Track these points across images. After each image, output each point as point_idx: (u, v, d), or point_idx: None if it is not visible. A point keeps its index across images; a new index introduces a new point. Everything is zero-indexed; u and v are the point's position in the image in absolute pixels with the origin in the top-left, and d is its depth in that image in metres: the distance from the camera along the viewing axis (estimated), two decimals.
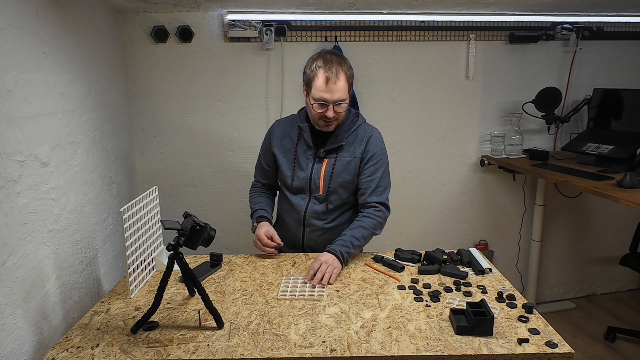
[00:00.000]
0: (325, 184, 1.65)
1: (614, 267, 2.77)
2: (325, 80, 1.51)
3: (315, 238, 1.72)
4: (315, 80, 1.54)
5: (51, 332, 1.31)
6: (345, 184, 1.65)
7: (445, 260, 1.61)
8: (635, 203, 1.83)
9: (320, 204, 1.68)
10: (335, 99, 1.53)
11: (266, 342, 1.14)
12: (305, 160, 1.68)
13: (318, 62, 1.54)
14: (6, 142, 1.16)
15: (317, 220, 1.69)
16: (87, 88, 1.73)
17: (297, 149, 1.69)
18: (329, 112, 1.55)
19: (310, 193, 1.69)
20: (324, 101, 1.54)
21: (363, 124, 1.71)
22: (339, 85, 1.52)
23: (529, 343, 1.12)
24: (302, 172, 1.67)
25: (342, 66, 1.55)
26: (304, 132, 1.67)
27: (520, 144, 2.74)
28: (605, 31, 2.73)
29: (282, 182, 1.76)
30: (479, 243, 2.92)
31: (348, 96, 1.58)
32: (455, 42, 2.61)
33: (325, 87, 1.52)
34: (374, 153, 1.65)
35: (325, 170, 1.65)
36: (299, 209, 1.70)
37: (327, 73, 1.51)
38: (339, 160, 1.65)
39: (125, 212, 1.32)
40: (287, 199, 1.73)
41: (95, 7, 1.93)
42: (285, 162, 1.71)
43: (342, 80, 1.53)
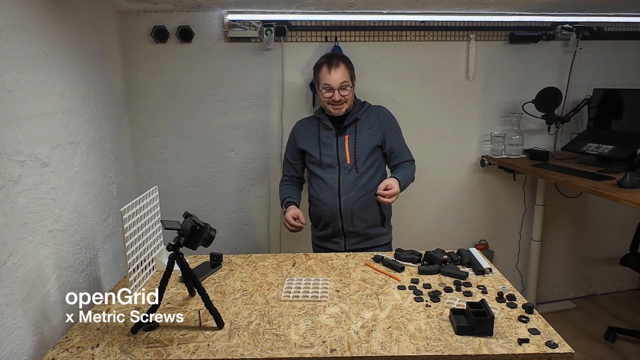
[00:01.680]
0: (351, 153, 1.89)
1: (614, 267, 2.77)
2: (328, 69, 1.85)
3: (351, 205, 1.89)
4: (320, 73, 1.88)
5: (51, 332, 1.31)
6: (368, 149, 1.89)
7: (446, 260, 1.61)
8: (635, 203, 1.83)
9: (349, 173, 1.89)
10: (338, 83, 1.83)
11: (266, 342, 1.14)
12: (329, 139, 1.93)
13: (322, 59, 1.92)
14: (6, 142, 1.16)
15: (350, 188, 1.89)
16: (87, 88, 1.73)
17: (320, 133, 1.95)
18: (335, 95, 1.84)
19: (339, 165, 1.90)
20: (329, 85, 1.84)
21: (370, 105, 2.00)
22: (339, 72, 1.84)
23: (529, 343, 1.12)
24: (328, 149, 1.92)
25: (341, 58, 1.90)
26: (322, 120, 1.95)
27: (520, 144, 2.74)
28: (605, 31, 2.73)
29: (312, 163, 1.98)
30: (479, 243, 2.91)
31: (350, 82, 1.88)
32: (455, 42, 2.61)
33: (328, 74, 1.84)
34: (391, 122, 1.96)
35: (348, 142, 1.90)
36: (332, 183, 1.91)
37: (328, 64, 1.86)
38: (358, 132, 1.90)
39: (126, 212, 1.32)
40: (318, 177, 1.95)
41: (96, 7, 1.93)
42: (312, 147, 1.96)
43: (342, 67, 1.86)
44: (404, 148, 1.97)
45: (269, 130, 2.57)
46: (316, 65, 1.93)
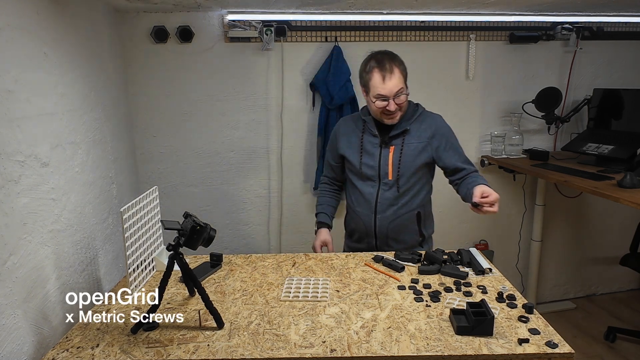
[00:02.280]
0: (394, 169, 1.70)
1: (614, 267, 2.77)
2: (382, 78, 1.60)
3: (387, 224, 1.74)
4: (371, 80, 1.62)
5: (51, 332, 1.31)
6: (414, 166, 1.70)
7: (446, 260, 1.60)
8: (635, 203, 1.83)
9: (389, 190, 1.71)
10: (394, 92, 1.60)
11: (266, 342, 1.14)
12: (372, 148, 1.72)
13: (371, 63, 1.64)
14: (6, 142, 1.16)
15: (388, 206, 1.72)
16: (87, 88, 1.73)
17: (363, 139, 1.75)
18: (390, 105, 1.62)
19: (379, 180, 1.72)
20: (383, 97, 1.61)
21: (424, 112, 1.76)
22: (394, 80, 1.60)
23: (529, 343, 1.12)
24: (370, 159, 1.72)
25: (394, 61, 1.63)
26: (368, 124, 1.74)
27: (520, 144, 2.74)
28: (605, 31, 2.73)
29: (352, 172, 1.80)
30: (479, 243, 2.91)
31: (405, 87, 1.66)
32: (455, 42, 2.61)
33: (382, 84, 1.60)
34: (446, 136, 1.72)
35: (393, 156, 1.70)
36: (369, 197, 1.74)
37: (382, 71, 1.60)
38: (406, 145, 1.70)
39: (126, 212, 1.32)
40: (356, 188, 1.78)
41: (95, 7, 1.93)
42: (353, 153, 1.76)
43: (397, 73, 1.61)
44: (466, 161, 1.74)
45: (269, 130, 2.57)
46: (365, 70, 1.66)
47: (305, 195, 2.69)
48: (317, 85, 2.46)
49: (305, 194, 2.69)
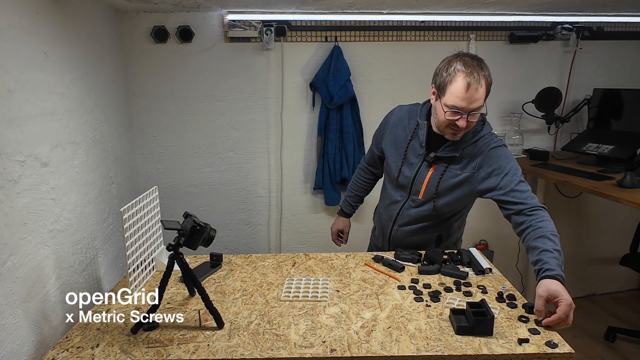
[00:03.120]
0: (427, 190, 1.54)
1: (614, 267, 2.77)
2: (466, 87, 1.33)
3: (402, 237, 1.67)
4: (452, 85, 1.35)
5: (51, 332, 1.31)
6: (449, 195, 1.52)
7: (445, 260, 1.60)
8: (635, 203, 1.83)
9: (415, 208, 1.59)
10: (472, 107, 1.35)
11: (266, 342, 1.14)
12: (414, 158, 1.56)
13: (457, 65, 1.35)
14: (6, 142, 1.16)
15: (407, 222, 1.64)
16: (87, 88, 1.73)
17: (409, 144, 1.57)
18: (461, 121, 1.37)
19: (409, 194, 1.60)
20: (459, 109, 1.36)
21: (487, 135, 1.50)
22: (479, 93, 1.34)
23: (529, 343, 1.12)
24: (409, 170, 1.57)
25: (484, 71, 1.36)
26: (420, 130, 1.54)
27: (520, 144, 2.74)
28: (605, 31, 2.73)
29: (387, 174, 1.68)
30: (479, 243, 2.91)
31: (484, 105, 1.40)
32: (455, 42, 2.60)
33: (464, 93, 1.33)
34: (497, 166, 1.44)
35: (431, 176, 1.52)
36: (394, 206, 1.66)
37: (469, 78, 1.32)
38: (449, 170, 1.50)
39: (126, 212, 1.32)
40: (387, 191, 1.70)
41: (95, 7, 1.93)
42: (394, 155, 1.61)
43: (484, 87, 1.35)
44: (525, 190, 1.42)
45: (269, 130, 2.57)
46: (446, 70, 1.37)
47: (305, 195, 2.69)
48: (317, 85, 2.46)
49: (305, 194, 2.69)
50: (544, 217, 1.38)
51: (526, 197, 1.41)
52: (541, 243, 1.33)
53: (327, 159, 2.54)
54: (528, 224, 1.38)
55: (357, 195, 1.95)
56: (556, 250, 1.31)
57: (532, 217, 1.38)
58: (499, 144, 1.49)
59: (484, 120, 1.52)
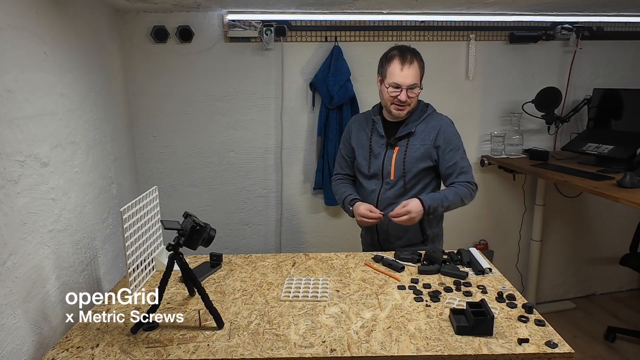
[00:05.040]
0: (396, 169, 1.72)
1: (614, 267, 2.77)
2: (400, 65, 1.64)
3: (387, 222, 1.73)
4: (390, 66, 1.66)
5: (51, 332, 1.31)
6: (416, 169, 1.71)
7: (445, 260, 1.61)
8: (635, 203, 1.83)
9: (391, 189, 1.74)
10: (408, 82, 1.63)
11: (266, 342, 1.14)
12: (379, 148, 1.76)
13: (394, 52, 1.68)
14: (6, 142, 1.16)
15: (388, 205, 1.73)
16: (87, 88, 1.73)
17: (372, 139, 1.79)
18: (402, 95, 1.64)
19: (382, 179, 1.76)
20: (397, 84, 1.64)
21: (433, 112, 1.77)
22: (412, 70, 1.64)
23: (529, 343, 1.12)
24: (376, 160, 1.76)
25: (416, 55, 1.68)
26: (376, 124, 1.77)
27: (520, 144, 2.74)
28: (605, 31, 2.73)
29: (359, 171, 1.84)
30: (479, 243, 2.91)
31: (420, 84, 1.68)
32: (455, 42, 2.61)
33: (400, 71, 1.64)
34: (448, 140, 1.71)
35: (396, 156, 1.73)
36: (372, 195, 1.77)
37: (402, 59, 1.64)
38: (410, 147, 1.72)
39: (125, 212, 1.32)
40: (362, 185, 1.83)
41: (95, 7, 1.93)
42: (362, 153, 1.81)
43: (415, 66, 1.65)
44: (463, 167, 1.71)
45: (269, 130, 2.57)
46: (386, 57, 1.70)
47: (305, 195, 2.69)
48: (317, 85, 2.46)
49: (305, 194, 2.69)
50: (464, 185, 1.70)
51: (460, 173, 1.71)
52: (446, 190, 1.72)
53: (327, 159, 2.54)
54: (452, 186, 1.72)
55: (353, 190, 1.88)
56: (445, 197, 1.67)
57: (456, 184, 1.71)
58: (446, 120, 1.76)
59: (427, 104, 1.79)
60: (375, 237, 1.84)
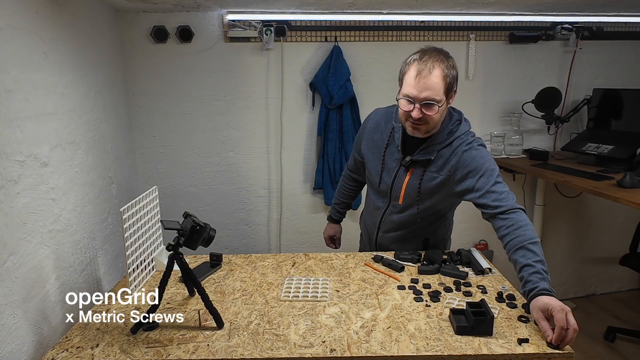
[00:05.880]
0: (406, 196, 1.51)
1: (614, 267, 2.77)
2: (416, 74, 1.31)
3: (387, 243, 1.68)
4: (406, 75, 1.35)
5: (51, 332, 1.31)
6: (429, 199, 1.50)
7: (445, 260, 1.60)
8: (635, 203, 1.83)
9: (397, 214, 1.58)
10: (422, 97, 1.31)
11: (266, 342, 1.14)
12: (392, 163, 1.53)
13: (415, 55, 1.36)
14: (6, 142, 1.16)
15: (391, 229, 1.64)
16: (87, 88, 1.73)
17: (387, 148, 1.54)
18: (415, 112, 1.33)
19: (389, 199, 1.58)
20: (411, 98, 1.33)
21: (463, 135, 1.45)
22: (429, 81, 1.30)
23: (528, 343, 1.12)
24: (388, 176, 1.54)
25: (441, 62, 1.33)
26: (395, 133, 1.50)
27: (520, 144, 2.74)
28: (605, 31, 2.73)
29: (369, 180, 1.66)
30: (479, 243, 2.91)
31: (443, 99, 1.34)
32: (455, 42, 2.61)
33: (414, 81, 1.31)
34: (471, 167, 1.39)
35: (409, 181, 1.49)
36: (377, 212, 1.65)
37: (420, 66, 1.31)
38: (427, 174, 1.47)
39: (125, 212, 1.32)
40: (369, 197, 1.70)
41: (95, 7, 1.93)
42: (373, 161, 1.58)
43: (436, 76, 1.30)
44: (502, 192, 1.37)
45: (269, 130, 2.57)
46: (406, 61, 1.38)
47: (305, 195, 2.69)
48: (316, 85, 2.46)
49: (305, 194, 2.69)
50: (520, 221, 1.30)
51: (502, 199, 1.35)
52: (521, 256, 1.25)
53: (327, 159, 2.54)
54: (505, 230, 1.31)
55: (344, 202, 1.95)
56: (537, 262, 1.22)
57: (509, 221, 1.31)
58: (475, 144, 1.44)
59: (460, 119, 1.49)
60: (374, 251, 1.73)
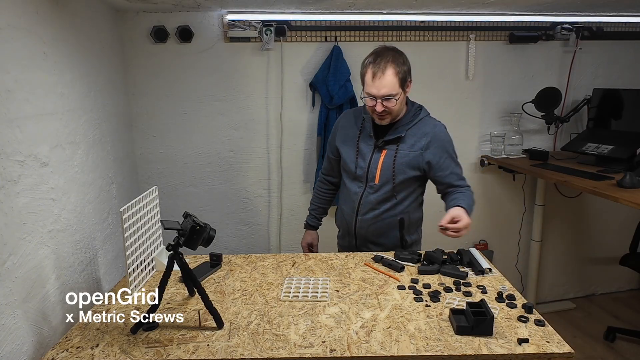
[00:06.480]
0: (381, 174, 1.66)
1: (614, 267, 2.77)
2: (372, 76, 1.54)
3: (367, 227, 1.73)
4: (365, 76, 1.58)
5: (51, 332, 1.31)
6: (403, 177, 1.65)
7: (445, 260, 1.61)
8: (635, 203, 1.83)
9: (374, 194, 1.69)
10: (382, 94, 1.54)
11: (266, 342, 1.14)
12: (366, 148, 1.70)
13: (369, 58, 1.58)
14: (6, 142, 1.16)
15: (369, 209, 1.71)
16: (87, 88, 1.73)
17: (360, 138, 1.72)
18: (377, 106, 1.56)
19: (366, 182, 1.70)
20: (373, 96, 1.56)
21: (426, 117, 1.70)
22: (385, 81, 1.53)
23: (528, 343, 1.12)
24: (363, 161, 1.70)
25: (392, 62, 1.54)
26: (366, 123, 1.70)
27: (520, 144, 2.74)
28: (605, 31, 2.73)
29: (345, 170, 1.79)
30: (479, 243, 2.91)
31: (400, 91, 1.56)
32: (455, 42, 2.61)
33: (371, 81, 1.54)
34: (440, 147, 1.65)
35: (383, 160, 1.66)
36: (354, 197, 1.73)
37: (374, 69, 1.54)
38: (399, 152, 1.65)
39: (125, 212, 1.32)
40: (345, 186, 1.79)
41: (95, 7, 1.93)
42: (348, 151, 1.74)
43: (390, 75, 1.53)
44: (458, 175, 1.68)
45: (269, 130, 2.57)
46: (363, 63, 1.60)
47: (305, 195, 2.69)
48: (316, 85, 2.46)
49: (305, 193, 2.69)
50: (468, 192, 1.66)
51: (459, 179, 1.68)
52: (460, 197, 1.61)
53: None
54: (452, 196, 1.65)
55: (321, 207, 1.99)
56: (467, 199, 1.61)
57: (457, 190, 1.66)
58: (440, 125, 1.70)
59: (420, 107, 1.73)
60: (353, 242, 1.80)
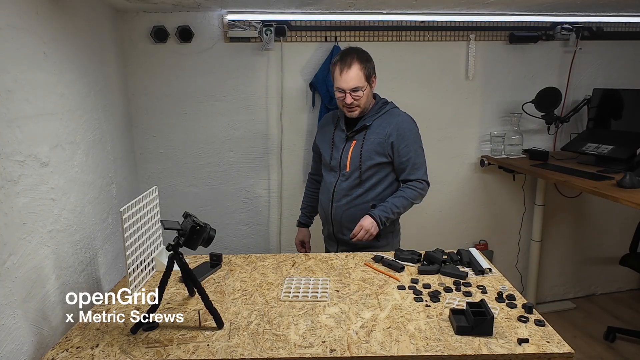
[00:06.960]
0: (351, 162, 1.80)
1: (614, 267, 2.77)
2: (340, 69, 1.73)
3: (341, 213, 1.85)
4: (334, 74, 1.77)
5: (51, 332, 1.31)
6: (371, 162, 1.78)
7: (445, 260, 1.61)
8: (635, 203, 1.83)
9: (346, 181, 1.83)
10: (350, 86, 1.72)
11: (266, 342, 1.14)
12: (339, 141, 1.87)
13: (337, 58, 1.79)
14: (6, 142, 1.16)
15: (342, 196, 1.84)
16: (87, 88, 1.73)
17: (335, 133, 1.89)
18: (346, 98, 1.74)
19: (339, 171, 1.85)
20: (341, 89, 1.74)
21: (392, 109, 1.85)
22: (351, 74, 1.71)
23: (528, 343, 1.12)
24: (337, 152, 1.86)
25: (356, 59, 1.74)
26: (340, 119, 1.88)
27: (520, 144, 2.74)
28: (605, 31, 2.73)
29: (323, 164, 1.96)
30: (479, 243, 2.92)
31: (366, 84, 1.75)
32: (455, 42, 2.61)
33: (339, 75, 1.73)
34: (402, 135, 1.77)
35: (353, 150, 1.80)
36: (329, 186, 1.88)
37: (342, 65, 1.73)
38: (366, 140, 1.79)
39: (125, 212, 1.32)
40: (324, 179, 1.95)
41: (95, 7, 1.93)
42: (324, 146, 1.93)
43: (355, 69, 1.72)
44: (415, 163, 1.78)
45: (269, 130, 2.57)
46: (331, 63, 1.81)
47: None
48: (316, 85, 2.46)
49: None
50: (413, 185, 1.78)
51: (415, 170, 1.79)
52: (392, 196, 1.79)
53: None
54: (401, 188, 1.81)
55: (310, 206, 2.13)
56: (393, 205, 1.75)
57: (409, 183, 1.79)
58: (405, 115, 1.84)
59: (387, 101, 1.88)
60: (331, 229, 1.92)
